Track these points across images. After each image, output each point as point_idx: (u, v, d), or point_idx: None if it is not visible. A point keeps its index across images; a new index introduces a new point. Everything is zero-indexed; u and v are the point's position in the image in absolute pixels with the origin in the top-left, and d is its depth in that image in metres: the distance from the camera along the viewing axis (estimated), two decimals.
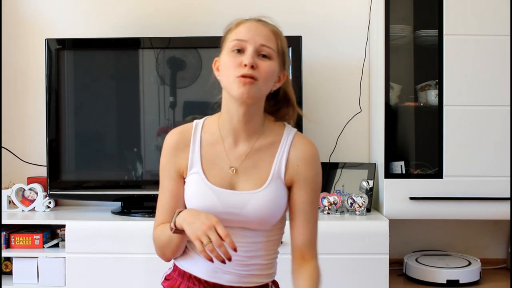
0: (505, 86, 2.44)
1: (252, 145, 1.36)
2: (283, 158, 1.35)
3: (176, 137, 1.40)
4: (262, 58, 1.29)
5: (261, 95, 1.32)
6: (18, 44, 2.86)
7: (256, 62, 1.28)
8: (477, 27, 2.44)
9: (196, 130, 1.40)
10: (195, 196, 1.34)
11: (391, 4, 2.50)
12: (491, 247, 2.85)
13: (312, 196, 1.36)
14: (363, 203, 2.48)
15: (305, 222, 1.35)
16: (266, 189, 1.32)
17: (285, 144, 1.36)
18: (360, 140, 2.85)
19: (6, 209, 2.68)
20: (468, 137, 2.45)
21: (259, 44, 1.29)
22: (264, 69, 1.29)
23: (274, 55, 1.31)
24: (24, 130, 2.87)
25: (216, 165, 1.36)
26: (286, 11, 2.81)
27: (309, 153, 1.36)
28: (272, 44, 1.31)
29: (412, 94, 2.67)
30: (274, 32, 1.33)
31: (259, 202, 1.31)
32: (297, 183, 1.35)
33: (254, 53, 1.29)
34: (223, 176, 1.35)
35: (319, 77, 2.81)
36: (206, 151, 1.37)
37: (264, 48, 1.29)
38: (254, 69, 1.27)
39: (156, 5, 2.83)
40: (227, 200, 1.32)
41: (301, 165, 1.34)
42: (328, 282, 2.31)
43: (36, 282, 2.40)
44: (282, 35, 1.35)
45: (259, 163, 1.35)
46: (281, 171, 1.34)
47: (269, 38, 1.31)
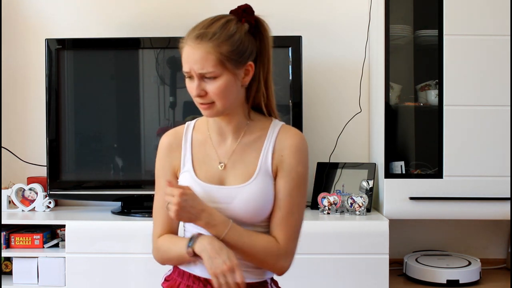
0: (505, 86, 2.44)
1: (239, 141, 1.38)
2: (269, 150, 1.36)
3: (169, 138, 1.44)
4: (210, 79, 1.29)
5: (227, 108, 1.34)
6: (18, 44, 2.86)
7: (204, 88, 1.30)
8: (477, 27, 2.44)
9: (188, 130, 1.44)
10: None
11: (391, 4, 2.50)
12: (491, 247, 2.85)
13: (291, 185, 1.34)
14: (363, 203, 2.48)
15: (277, 208, 1.34)
16: (253, 182, 1.34)
17: (271, 136, 1.38)
18: (360, 140, 2.85)
19: (6, 209, 2.68)
20: (468, 137, 2.45)
21: (198, 73, 1.29)
22: (213, 91, 1.30)
23: (218, 71, 1.29)
24: (24, 130, 2.87)
25: (206, 162, 1.39)
26: (286, 11, 2.81)
27: (295, 141, 1.36)
28: (209, 66, 1.28)
29: (412, 94, 2.67)
30: (208, 51, 1.28)
31: (246, 196, 1.32)
32: (280, 171, 1.35)
33: (199, 81, 1.30)
34: (213, 173, 1.37)
35: (319, 77, 2.81)
36: (197, 150, 1.41)
37: (204, 74, 1.29)
38: (204, 97, 1.31)
39: (156, 5, 2.83)
40: (214, 196, 1.34)
41: (285, 154, 1.35)
42: (328, 282, 2.32)
43: (36, 282, 2.40)
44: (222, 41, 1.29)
45: (246, 157, 1.37)
46: (268, 163, 1.35)
47: (205, 62, 1.28)
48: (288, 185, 1.34)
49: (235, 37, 1.31)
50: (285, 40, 2.57)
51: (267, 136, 1.38)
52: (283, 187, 1.34)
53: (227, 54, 1.29)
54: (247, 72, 1.34)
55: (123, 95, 2.69)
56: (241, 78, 1.33)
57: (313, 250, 2.30)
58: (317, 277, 2.31)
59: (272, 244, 1.34)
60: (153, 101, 2.61)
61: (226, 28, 1.31)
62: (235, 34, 1.31)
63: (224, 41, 1.29)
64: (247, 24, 1.34)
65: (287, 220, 1.35)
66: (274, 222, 1.35)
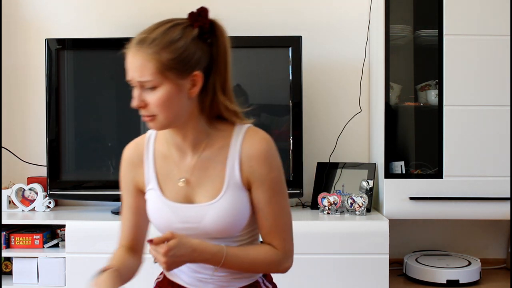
0: (505, 86, 2.44)
1: (199, 155, 1.29)
2: (235, 161, 1.26)
3: (131, 152, 1.36)
4: (150, 90, 1.19)
5: (172, 122, 1.23)
6: (18, 44, 2.86)
7: (144, 99, 1.20)
8: (477, 27, 2.44)
9: (149, 142, 1.34)
10: (152, 212, 1.32)
11: (391, 4, 2.50)
12: (491, 247, 2.85)
13: (269, 193, 1.27)
14: (363, 203, 2.48)
15: (263, 219, 1.29)
16: (222, 198, 1.25)
17: (236, 146, 1.27)
18: (360, 140, 2.85)
19: (6, 209, 2.68)
20: (468, 137, 2.45)
21: (137, 81, 1.19)
22: (153, 103, 1.19)
23: (158, 81, 1.17)
24: (24, 130, 2.87)
25: (170, 179, 1.30)
26: (286, 11, 2.81)
27: (261, 149, 1.26)
28: (148, 75, 1.17)
29: (412, 94, 2.67)
30: (147, 59, 1.17)
31: (216, 213, 1.25)
32: (254, 183, 1.27)
33: (140, 90, 1.20)
34: (179, 190, 1.29)
35: (319, 77, 2.81)
36: (160, 165, 1.32)
37: (143, 83, 1.19)
38: (145, 108, 1.21)
39: (156, 5, 2.83)
40: (183, 215, 1.27)
41: (254, 164, 1.25)
42: (328, 282, 2.32)
43: (36, 282, 2.40)
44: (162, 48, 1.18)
45: (211, 172, 1.28)
46: (236, 176, 1.26)
47: (144, 70, 1.17)
48: (266, 194, 1.27)
49: (178, 43, 1.18)
50: (285, 40, 2.57)
51: (230, 146, 1.27)
52: (262, 198, 1.27)
53: (168, 63, 1.17)
54: (194, 83, 1.21)
55: (123, 95, 2.68)
56: (187, 89, 1.21)
57: (313, 250, 2.30)
58: (317, 277, 2.31)
59: (271, 253, 1.30)
60: None
61: (169, 33, 1.19)
62: (178, 40, 1.19)
63: (164, 48, 1.18)
64: (197, 30, 1.22)
65: (277, 226, 1.30)
66: (264, 231, 1.30)
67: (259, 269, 1.32)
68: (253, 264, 1.29)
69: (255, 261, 1.29)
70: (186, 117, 1.24)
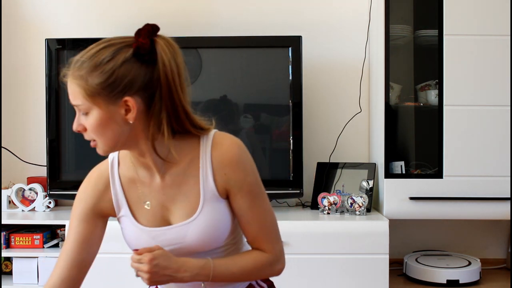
0: (505, 86, 2.44)
1: (168, 173, 1.22)
2: (208, 172, 1.20)
3: (95, 180, 1.27)
4: (84, 115, 1.15)
5: (112, 145, 1.16)
6: (18, 44, 2.86)
7: (82, 123, 1.15)
8: (477, 27, 2.44)
9: (113, 167, 1.27)
10: (131, 240, 1.27)
11: (391, 4, 2.50)
12: (491, 247, 2.85)
13: (248, 198, 1.22)
14: (363, 203, 2.48)
15: (247, 224, 1.24)
16: (201, 214, 1.20)
17: (205, 156, 1.20)
18: (360, 140, 2.85)
19: (6, 209, 2.68)
20: (468, 137, 2.45)
21: (74, 105, 1.15)
22: (88, 128, 1.15)
23: (87, 105, 1.12)
24: (24, 130, 2.87)
25: (142, 203, 1.25)
26: (286, 11, 2.81)
27: (233, 155, 1.20)
28: (78, 99, 1.13)
29: (412, 94, 2.67)
30: (76, 83, 1.13)
31: (197, 231, 1.20)
32: (231, 190, 1.21)
33: (78, 116, 1.16)
34: (153, 213, 1.24)
35: (319, 77, 2.81)
36: (128, 190, 1.26)
37: (77, 107, 1.15)
38: (85, 132, 1.17)
39: (156, 5, 2.83)
40: (163, 239, 1.22)
41: (228, 171, 1.20)
42: (328, 282, 2.32)
43: (36, 282, 2.40)
44: (89, 71, 1.11)
45: (184, 187, 1.22)
46: (211, 186, 1.20)
47: (75, 94, 1.13)
48: (245, 199, 1.22)
49: (105, 66, 1.10)
50: (285, 40, 2.57)
51: (200, 158, 1.21)
52: (242, 204, 1.22)
53: (94, 87, 1.10)
54: (128, 108, 1.12)
55: None
56: (122, 115, 1.12)
57: (313, 250, 2.30)
58: (317, 277, 2.31)
59: (261, 258, 1.26)
60: None
61: (98, 55, 1.12)
62: (107, 63, 1.11)
63: (91, 71, 1.11)
64: (131, 50, 1.12)
65: (262, 229, 1.25)
66: (251, 237, 1.26)
67: (251, 275, 1.28)
68: (244, 271, 1.24)
69: (246, 268, 1.24)
70: (132, 141, 1.17)
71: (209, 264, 1.21)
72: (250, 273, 1.26)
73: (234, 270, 1.23)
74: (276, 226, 1.29)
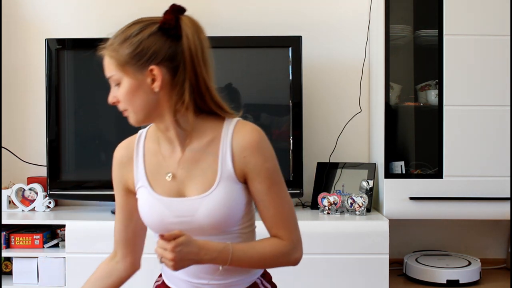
0: (505, 86, 2.44)
1: (188, 147, 1.28)
2: (227, 153, 1.25)
3: (121, 152, 1.38)
4: (117, 86, 1.26)
5: (142, 114, 1.26)
6: (18, 44, 2.87)
7: (115, 95, 1.27)
8: (477, 27, 2.44)
9: (139, 141, 1.36)
10: (145, 210, 1.31)
11: (391, 4, 2.50)
12: (491, 247, 2.85)
13: (266, 183, 1.26)
14: (363, 203, 2.48)
15: (265, 209, 1.28)
16: (216, 190, 1.24)
17: (226, 137, 1.26)
18: (360, 140, 2.85)
19: (6, 209, 2.68)
20: (468, 137, 2.45)
21: (108, 77, 1.27)
22: (120, 97, 1.26)
23: (119, 76, 1.24)
24: (24, 130, 2.87)
25: (161, 174, 1.30)
26: (286, 11, 2.81)
27: (253, 140, 1.25)
28: (111, 70, 1.25)
29: (412, 94, 2.67)
30: (109, 55, 1.24)
31: (210, 206, 1.24)
32: (249, 174, 1.26)
33: (113, 89, 1.28)
34: (170, 185, 1.29)
35: (319, 77, 2.81)
36: (149, 161, 1.32)
37: (110, 79, 1.26)
38: (118, 103, 1.28)
39: (156, 5, 2.82)
40: (176, 209, 1.26)
41: (247, 155, 1.25)
42: (328, 282, 2.32)
43: (36, 282, 2.40)
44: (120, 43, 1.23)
45: (203, 164, 1.27)
46: (229, 167, 1.25)
47: (108, 67, 1.26)
48: (264, 185, 1.26)
49: (134, 38, 1.22)
50: (285, 40, 2.57)
51: (221, 138, 1.27)
52: (260, 188, 1.26)
53: (125, 57, 1.22)
54: (154, 77, 1.22)
55: None
56: (149, 84, 1.22)
57: (313, 250, 2.30)
58: (317, 277, 2.31)
59: (279, 245, 1.29)
60: None
61: (128, 30, 1.24)
62: (135, 35, 1.23)
63: (121, 43, 1.23)
64: (157, 25, 1.24)
65: (281, 216, 1.29)
66: (269, 223, 1.29)
67: (268, 263, 1.30)
68: (262, 258, 1.27)
69: (263, 254, 1.27)
70: (158, 111, 1.25)
71: (228, 248, 1.23)
72: (267, 260, 1.29)
73: (252, 255, 1.26)
74: (294, 215, 1.33)
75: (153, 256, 1.44)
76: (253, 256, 1.26)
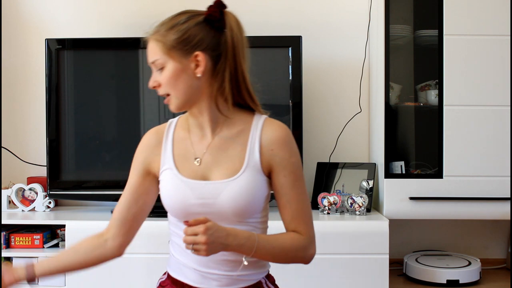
0: (505, 86, 2.44)
1: (218, 134, 1.35)
2: (255, 145, 1.32)
3: (150, 136, 1.42)
4: (160, 70, 1.31)
5: (184, 99, 1.32)
6: (18, 44, 2.87)
7: (157, 79, 1.32)
8: (477, 27, 2.44)
9: (170, 127, 1.41)
10: (168, 191, 1.34)
11: (391, 4, 2.50)
12: (491, 247, 2.85)
13: (291, 177, 1.32)
14: (363, 203, 2.48)
15: (287, 204, 1.33)
16: (241, 177, 1.29)
17: (256, 130, 1.33)
18: (360, 140, 2.85)
19: (6, 209, 2.68)
20: (468, 137, 2.45)
21: (150, 63, 1.32)
22: (162, 81, 1.30)
23: (163, 61, 1.30)
24: (24, 130, 2.87)
25: (188, 158, 1.35)
26: (286, 11, 2.81)
27: (281, 135, 1.33)
28: (156, 55, 1.31)
29: (412, 94, 2.67)
30: (155, 39, 1.31)
31: (233, 191, 1.28)
32: (275, 167, 1.32)
33: (155, 72, 1.32)
34: (195, 169, 1.33)
35: (319, 77, 2.81)
36: (177, 146, 1.37)
37: (154, 64, 1.32)
38: (159, 87, 1.32)
39: (156, 5, 2.83)
40: (200, 191, 1.30)
41: (275, 148, 1.31)
42: (328, 282, 2.32)
43: (36, 282, 2.40)
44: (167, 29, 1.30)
45: (230, 152, 1.33)
46: (256, 158, 1.31)
47: (153, 51, 1.32)
48: (288, 178, 1.32)
49: (181, 26, 1.30)
50: (285, 40, 2.57)
51: (251, 130, 1.34)
52: (285, 182, 1.32)
53: (171, 43, 1.29)
54: (198, 63, 1.29)
55: (123, 95, 2.69)
56: (192, 69, 1.29)
57: None
58: (317, 277, 2.31)
59: (298, 238, 1.32)
60: (153, 101, 2.61)
61: (176, 18, 1.32)
62: (183, 23, 1.30)
63: (169, 29, 1.30)
64: (203, 16, 1.31)
65: (301, 211, 1.33)
66: (289, 217, 1.33)
67: (288, 255, 1.32)
68: (283, 250, 1.30)
69: (285, 247, 1.30)
70: (198, 96, 1.32)
71: (254, 237, 1.26)
72: (288, 253, 1.31)
73: (275, 246, 1.29)
74: (311, 212, 1.37)
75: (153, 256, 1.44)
76: (275, 247, 1.29)
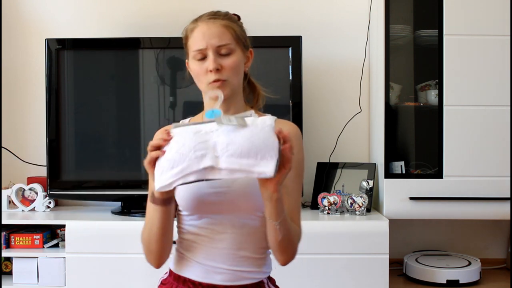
0: (505, 86, 2.44)
1: None
2: None
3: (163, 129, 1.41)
4: (224, 56, 1.34)
5: (236, 87, 1.38)
6: (18, 44, 2.87)
7: (220, 63, 1.33)
8: (477, 27, 2.44)
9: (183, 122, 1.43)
10: None
11: (391, 4, 2.50)
12: (491, 247, 2.85)
13: (295, 172, 1.37)
14: (363, 203, 2.48)
15: (286, 195, 1.35)
16: None
17: None
18: (360, 140, 2.85)
19: (6, 209, 2.68)
20: (468, 137, 2.45)
21: (216, 46, 1.33)
22: (228, 66, 1.34)
23: (233, 47, 1.35)
24: (24, 130, 2.88)
25: None
26: (286, 11, 2.81)
27: (293, 130, 1.40)
28: (227, 39, 1.34)
29: (412, 94, 2.67)
30: (225, 25, 1.36)
31: (246, 179, 1.29)
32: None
33: (215, 55, 1.33)
34: None
35: (319, 77, 2.81)
36: None
37: (221, 48, 1.34)
38: (219, 71, 1.33)
39: (156, 5, 2.83)
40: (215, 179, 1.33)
41: None
42: (328, 282, 2.32)
43: (36, 282, 2.40)
44: (234, 20, 1.39)
45: None
46: None
47: (223, 35, 1.34)
48: (292, 172, 1.32)
49: (238, 22, 1.40)
50: (285, 40, 2.57)
51: None
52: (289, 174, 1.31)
53: (241, 33, 1.38)
54: (248, 59, 1.40)
55: (123, 95, 2.69)
56: (244, 62, 1.39)
57: (313, 250, 2.30)
58: (317, 277, 2.31)
59: (297, 228, 1.36)
60: (153, 101, 2.61)
61: (227, 14, 1.41)
62: (238, 21, 1.42)
63: (234, 22, 1.38)
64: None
65: (297, 203, 1.39)
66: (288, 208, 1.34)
67: (293, 238, 1.34)
68: (292, 230, 1.32)
69: (293, 228, 1.33)
70: (240, 88, 1.40)
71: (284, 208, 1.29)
72: (293, 234, 1.33)
73: (291, 224, 1.31)
74: None
75: None
76: (291, 225, 1.31)
